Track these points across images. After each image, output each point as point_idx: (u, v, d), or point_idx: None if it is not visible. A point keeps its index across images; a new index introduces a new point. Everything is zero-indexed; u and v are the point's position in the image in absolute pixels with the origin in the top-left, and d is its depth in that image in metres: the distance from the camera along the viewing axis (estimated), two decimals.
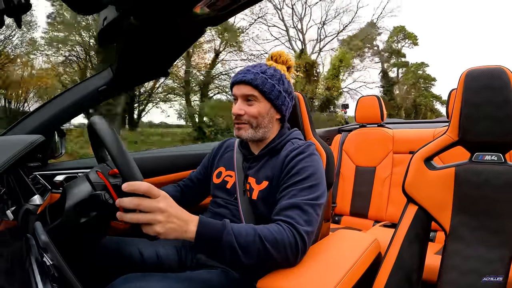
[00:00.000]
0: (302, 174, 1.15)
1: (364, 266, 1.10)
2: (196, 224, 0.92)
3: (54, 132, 1.63)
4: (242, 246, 0.95)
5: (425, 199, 1.13)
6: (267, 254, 0.97)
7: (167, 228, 0.86)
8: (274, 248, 0.97)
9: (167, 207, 0.86)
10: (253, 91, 1.24)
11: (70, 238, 1.05)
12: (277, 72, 1.28)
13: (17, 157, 0.82)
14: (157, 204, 0.84)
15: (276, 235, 0.99)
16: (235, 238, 0.95)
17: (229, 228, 0.96)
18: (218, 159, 1.48)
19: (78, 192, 1.06)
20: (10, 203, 1.05)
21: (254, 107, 1.25)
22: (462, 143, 1.12)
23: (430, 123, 3.20)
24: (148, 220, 0.83)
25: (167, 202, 0.87)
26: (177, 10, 1.00)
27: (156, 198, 0.85)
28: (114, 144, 0.91)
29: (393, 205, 2.64)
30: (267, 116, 1.27)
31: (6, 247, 0.69)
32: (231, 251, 0.94)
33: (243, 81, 1.24)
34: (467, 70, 1.11)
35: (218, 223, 0.96)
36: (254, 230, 0.99)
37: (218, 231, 0.94)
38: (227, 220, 0.99)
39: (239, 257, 0.95)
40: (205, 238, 0.92)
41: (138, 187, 0.83)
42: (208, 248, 0.95)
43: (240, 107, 1.25)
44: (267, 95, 1.24)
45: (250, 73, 1.25)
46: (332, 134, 3.24)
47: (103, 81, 1.59)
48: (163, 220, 0.85)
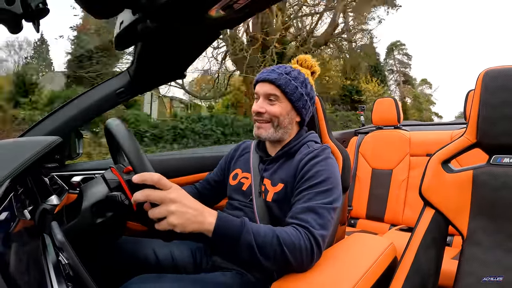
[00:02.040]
0: (317, 178, 1.14)
1: (379, 271, 1.09)
2: (215, 217, 0.91)
3: (72, 133, 1.65)
4: (260, 246, 0.94)
5: (442, 203, 1.11)
6: (283, 257, 0.96)
7: (183, 219, 0.84)
8: (291, 251, 0.96)
9: (179, 197, 0.85)
10: (276, 90, 1.24)
11: (86, 238, 1.06)
12: (301, 75, 1.29)
13: (35, 158, 0.84)
14: (168, 194, 0.83)
15: (294, 239, 0.98)
16: (253, 237, 0.94)
17: (248, 227, 0.95)
18: (235, 161, 1.49)
19: (95, 193, 1.08)
20: (28, 203, 1.07)
21: (275, 107, 1.25)
22: (480, 145, 1.10)
23: (447, 125, 3.15)
24: (161, 212, 0.83)
25: (178, 193, 0.86)
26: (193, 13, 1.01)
27: (167, 189, 0.85)
28: (127, 140, 0.92)
29: (410, 209, 2.60)
30: (287, 117, 1.27)
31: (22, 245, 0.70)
32: (248, 250, 0.93)
33: (266, 79, 1.25)
34: (485, 70, 1.09)
35: (237, 220, 0.96)
36: (273, 231, 0.98)
37: (238, 228, 0.93)
38: (246, 218, 0.98)
39: (256, 256, 0.94)
40: (224, 233, 0.91)
41: (149, 177, 0.83)
42: (226, 243, 0.93)
43: (261, 105, 1.26)
44: (288, 96, 1.24)
45: (274, 72, 1.25)
46: (348, 137, 3.22)
47: (120, 84, 1.61)
48: (176, 211, 0.83)
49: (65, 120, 1.54)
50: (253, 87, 1.32)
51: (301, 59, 1.36)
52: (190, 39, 1.27)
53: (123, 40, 1.13)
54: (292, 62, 1.38)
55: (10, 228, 0.69)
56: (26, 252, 0.70)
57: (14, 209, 0.77)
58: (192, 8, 0.96)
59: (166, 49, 1.34)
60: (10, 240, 0.66)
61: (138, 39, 1.21)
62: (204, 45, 1.40)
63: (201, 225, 0.88)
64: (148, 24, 0.98)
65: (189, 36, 1.23)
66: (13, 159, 0.79)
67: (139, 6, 0.90)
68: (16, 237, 0.70)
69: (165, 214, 0.83)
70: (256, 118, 1.28)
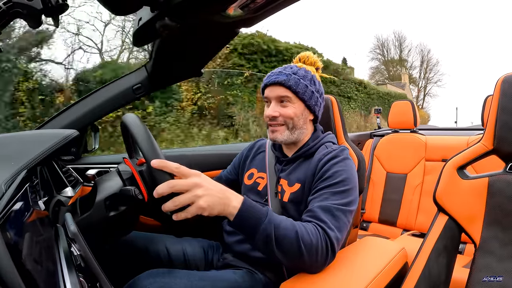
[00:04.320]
0: (335, 178, 1.14)
1: (389, 275, 1.08)
2: (241, 201, 0.93)
3: (88, 127, 1.68)
4: (278, 239, 0.95)
5: (456, 210, 1.09)
6: (298, 253, 0.96)
7: (210, 202, 0.86)
8: (307, 249, 0.96)
9: (203, 181, 0.86)
10: (287, 92, 1.22)
11: (98, 231, 1.08)
12: (308, 73, 1.27)
13: (51, 150, 0.85)
14: (193, 180, 0.85)
15: (312, 237, 0.98)
16: (274, 228, 0.95)
17: (271, 217, 0.96)
18: (250, 161, 1.48)
19: (109, 187, 1.09)
20: (43, 194, 1.09)
21: (289, 109, 1.24)
22: (497, 152, 1.07)
23: (464, 130, 3.10)
24: (189, 198, 0.84)
25: (201, 177, 0.87)
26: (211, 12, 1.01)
27: (188, 177, 0.86)
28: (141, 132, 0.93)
29: (423, 214, 2.57)
30: (302, 117, 1.26)
31: (36, 235, 0.71)
32: (266, 240, 0.94)
33: (276, 82, 1.23)
34: (504, 75, 1.06)
35: (262, 209, 0.96)
36: (293, 226, 0.98)
37: (260, 216, 0.94)
38: (270, 208, 0.99)
39: (273, 248, 0.95)
40: (245, 218, 0.93)
41: (169, 165, 0.84)
42: (245, 229, 0.95)
43: (274, 109, 1.24)
44: (300, 95, 1.23)
45: (282, 74, 1.23)
46: (363, 139, 3.20)
47: (137, 80, 1.63)
48: (203, 194, 0.85)
49: (82, 114, 1.57)
50: (262, 91, 1.31)
51: (303, 57, 1.34)
52: (208, 37, 1.28)
53: (141, 36, 1.15)
54: (294, 61, 1.36)
55: (24, 218, 0.71)
56: (39, 242, 0.71)
57: (29, 199, 0.78)
58: (210, 6, 0.97)
59: (184, 46, 1.35)
60: (23, 230, 0.67)
61: (156, 36, 1.22)
62: (222, 43, 1.40)
63: (226, 207, 0.90)
64: (166, 21, 0.99)
65: (206, 34, 1.24)
66: (30, 151, 0.80)
67: (158, 3, 0.91)
68: (29, 227, 0.72)
69: (192, 200, 0.84)
70: (270, 122, 1.26)
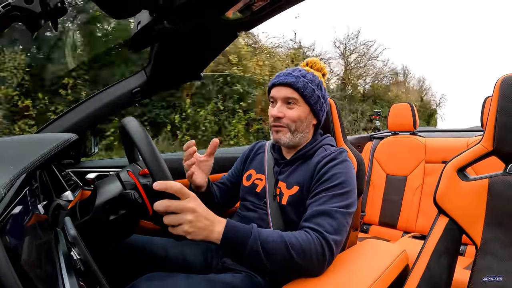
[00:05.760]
0: (334, 181, 1.14)
1: (390, 278, 1.08)
2: (224, 226, 0.93)
3: (88, 131, 1.67)
4: (267, 253, 0.95)
5: (457, 211, 1.09)
6: (292, 263, 0.96)
7: (196, 227, 0.87)
8: (300, 257, 0.97)
9: (197, 207, 0.87)
10: (294, 94, 1.22)
11: (98, 235, 1.08)
12: (316, 77, 1.27)
13: (50, 154, 0.85)
14: (187, 204, 0.85)
15: (303, 244, 0.98)
16: (261, 244, 0.95)
17: (256, 234, 0.96)
18: (250, 161, 1.48)
19: (109, 190, 1.09)
20: (42, 198, 1.09)
21: (294, 111, 1.23)
22: (497, 153, 1.07)
23: (464, 132, 3.10)
24: (178, 220, 0.85)
25: (196, 203, 0.88)
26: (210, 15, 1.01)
27: (186, 198, 0.86)
28: (145, 144, 0.92)
29: (424, 216, 2.57)
30: (306, 120, 1.26)
31: (35, 239, 0.71)
32: (255, 257, 0.95)
33: (284, 83, 1.23)
34: (503, 76, 1.06)
35: (246, 228, 0.96)
36: (281, 237, 0.98)
37: (245, 236, 0.95)
38: (255, 225, 0.99)
39: (263, 263, 0.95)
40: (230, 242, 0.93)
41: (171, 186, 0.83)
42: (232, 251, 0.95)
43: (280, 109, 1.24)
44: (307, 99, 1.23)
45: (291, 76, 1.23)
46: (363, 141, 3.20)
47: (136, 83, 1.63)
48: (192, 220, 0.86)
49: (82, 117, 1.57)
50: (268, 91, 1.31)
51: (311, 62, 1.35)
52: (207, 40, 1.28)
53: (139, 40, 1.15)
54: (302, 65, 1.36)
55: (24, 222, 0.70)
56: (38, 245, 0.71)
57: (29, 203, 0.78)
58: (209, 9, 0.97)
59: (183, 50, 1.35)
60: (23, 234, 0.67)
61: (155, 40, 1.22)
62: (221, 47, 1.40)
63: (211, 234, 0.91)
64: (165, 25, 0.99)
65: (206, 37, 1.24)
66: (29, 155, 0.80)
67: (157, 7, 0.91)
68: (29, 230, 0.72)
69: (181, 222, 0.85)
70: (274, 123, 1.26)
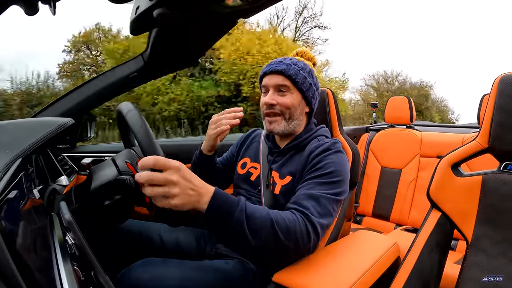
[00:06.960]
0: (325, 169, 1.14)
1: (381, 269, 1.09)
2: (211, 195, 0.88)
3: (84, 116, 1.67)
4: (252, 227, 0.92)
5: (449, 206, 1.10)
6: (276, 240, 0.94)
7: (183, 200, 0.82)
8: (285, 235, 0.95)
9: (180, 179, 0.81)
10: (286, 81, 1.23)
11: (93, 219, 1.08)
12: (307, 65, 1.28)
13: (46, 138, 0.85)
14: (169, 176, 0.80)
15: (288, 223, 0.97)
16: (246, 217, 0.91)
17: (242, 206, 0.92)
18: (245, 149, 1.49)
19: (104, 175, 1.09)
20: (38, 182, 1.09)
21: (287, 98, 1.24)
22: (492, 151, 1.08)
23: (460, 128, 3.11)
24: (160, 193, 0.80)
25: (179, 174, 0.82)
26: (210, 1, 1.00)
27: (167, 170, 0.81)
28: (139, 127, 0.92)
29: (417, 210, 2.59)
30: (299, 107, 1.27)
31: (30, 224, 0.71)
32: (240, 230, 0.91)
33: (276, 70, 1.23)
34: (501, 75, 1.06)
35: (234, 199, 0.93)
36: (268, 214, 0.96)
37: (231, 207, 0.90)
38: (243, 198, 0.96)
39: (247, 238, 0.91)
40: (216, 211, 0.88)
41: (146, 163, 0.79)
42: (217, 221, 0.90)
43: (272, 97, 1.24)
44: (299, 85, 1.23)
45: (282, 63, 1.24)
46: (359, 133, 3.21)
47: (134, 68, 1.62)
48: (177, 193, 0.81)
49: (78, 102, 1.56)
50: (260, 81, 1.31)
51: (301, 52, 1.36)
52: (206, 26, 1.27)
53: (138, 25, 1.14)
54: (292, 55, 1.37)
55: (19, 206, 0.70)
56: (33, 230, 0.71)
57: (24, 188, 0.78)
58: None
59: (181, 35, 1.34)
60: (18, 218, 0.67)
61: (153, 25, 1.21)
62: (220, 33, 1.39)
63: (197, 204, 0.85)
64: (164, 10, 0.98)
65: (204, 23, 1.23)
66: (25, 139, 0.80)
67: None
68: (24, 215, 0.71)
69: (166, 194, 0.80)
70: (267, 111, 1.26)
